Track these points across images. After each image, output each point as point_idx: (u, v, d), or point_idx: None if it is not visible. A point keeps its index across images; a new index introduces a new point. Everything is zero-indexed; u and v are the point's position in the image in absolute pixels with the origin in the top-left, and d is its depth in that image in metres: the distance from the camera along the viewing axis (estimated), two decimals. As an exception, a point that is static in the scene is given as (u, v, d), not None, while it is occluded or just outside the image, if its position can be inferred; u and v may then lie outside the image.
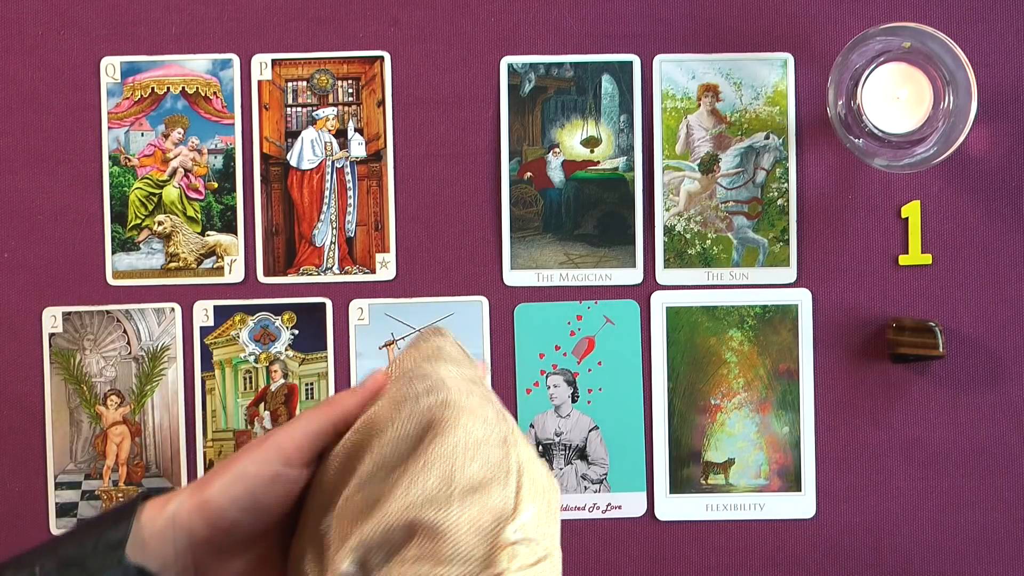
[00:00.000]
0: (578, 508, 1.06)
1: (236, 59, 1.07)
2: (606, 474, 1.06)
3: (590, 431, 1.06)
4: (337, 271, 1.07)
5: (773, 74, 1.06)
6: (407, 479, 0.63)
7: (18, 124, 1.07)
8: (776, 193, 1.06)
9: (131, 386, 1.07)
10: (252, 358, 1.07)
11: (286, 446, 0.68)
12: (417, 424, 0.66)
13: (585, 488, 1.06)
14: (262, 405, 1.07)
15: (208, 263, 1.07)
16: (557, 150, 1.07)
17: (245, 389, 1.07)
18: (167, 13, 1.07)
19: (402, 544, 0.62)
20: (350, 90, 1.07)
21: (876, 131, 1.01)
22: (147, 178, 1.07)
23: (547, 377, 1.07)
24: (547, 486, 0.67)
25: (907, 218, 1.05)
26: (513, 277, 1.06)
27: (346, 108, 1.07)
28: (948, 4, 1.05)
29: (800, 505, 1.06)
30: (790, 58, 1.06)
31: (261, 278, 1.07)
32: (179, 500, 0.68)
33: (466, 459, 0.63)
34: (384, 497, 0.63)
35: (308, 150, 1.07)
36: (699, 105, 1.06)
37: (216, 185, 1.07)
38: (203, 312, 1.07)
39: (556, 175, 1.07)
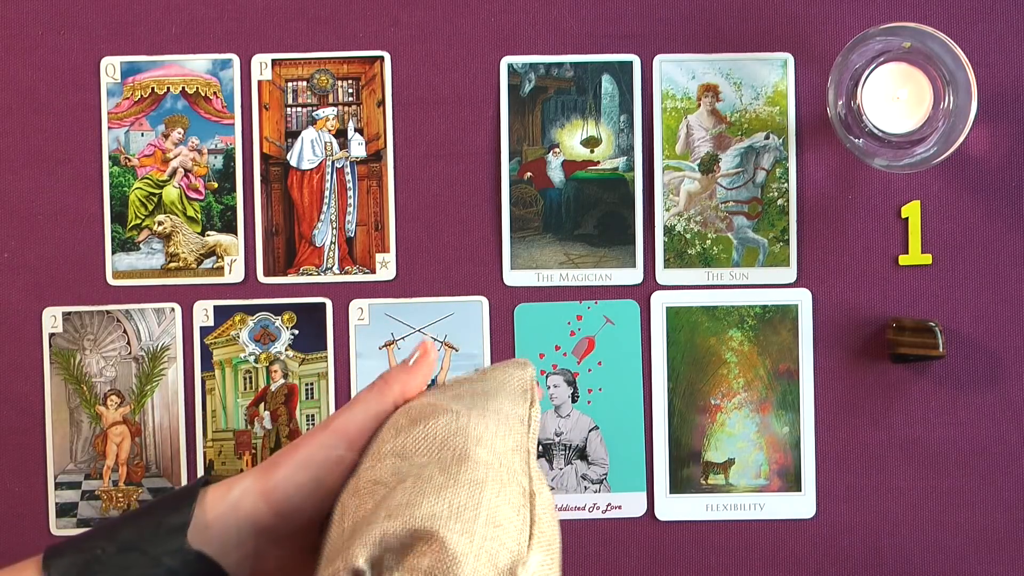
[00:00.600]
0: (578, 508, 1.06)
1: (236, 59, 1.07)
2: (606, 474, 1.06)
3: (590, 431, 1.06)
4: (337, 271, 1.07)
5: (773, 74, 1.06)
6: (435, 486, 0.63)
7: (18, 124, 1.07)
8: (776, 193, 1.06)
9: (131, 386, 1.07)
10: (252, 358, 1.07)
11: (350, 430, 0.68)
12: (454, 437, 0.66)
13: (585, 488, 1.06)
14: (262, 405, 1.07)
15: (208, 263, 1.07)
16: (557, 150, 1.07)
17: (245, 389, 1.07)
18: (167, 13, 1.07)
19: (415, 550, 0.61)
20: (350, 90, 1.07)
21: (876, 131, 1.01)
22: (147, 178, 1.07)
23: (547, 377, 1.07)
24: (553, 539, 0.67)
25: (907, 218, 1.05)
26: (513, 277, 1.06)
27: (346, 108, 1.07)
28: (948, 4, 1.05)
29: (800, 505, 1.06)
30: (790, 58, 1.06)
31: (261, 278, 1.07)
32: (243, 486, 0.68)
33: (496, 492, 0.63)
34: (410, 499, 0.63)
35: (308, 150, 1.07)
36: (699, 105, 1.06)
37: (216, 185, 1.07)
38: (203, 312, 1.07)
39: (556, 175, 1.07)
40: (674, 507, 1.06)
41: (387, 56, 1.06)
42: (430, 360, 0.71)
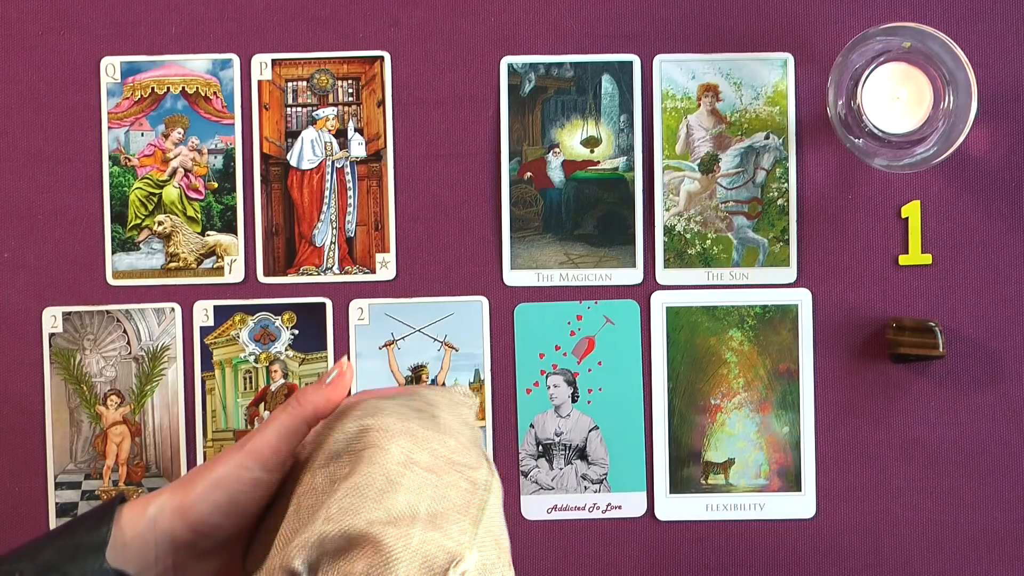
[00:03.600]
0: (578, 508, 1.06)
1: (236, 59, 1.07)
2: (606, 474, 1.06)
3: (590, 431, 1.06)
4: (337, 271, 1.07)
5: (773, 74, 1.06)
6: (375, 492, 0.63)
7: (18, 124, 1.07)
8: (776, 193, 1.06)
9: (131, 386, 1.07)
10: (252, 358, 1.07)
11: (263, 451, 0.68)
12: (397, 437, 0.66)
13: (585, 488, 1.06)
14: (262, 405, 1.07)
15: (208, 263, 1.07)
16: (557, 150, 1.07)
17: (245, 389, 1.07)
18: (167, 13, 1.07)
19: (351, 554, 0.62)
20: (350, 90, 1.07)
21: (876, 131, 1.01)
22: (147, 178, 1.07)
23: (547, 377, 1.07)
24: (500, 536, 0.67)
25: (907, 218, 1.05)
26: (513, 277, 1.06)
27: (346, 108, 1.07)
28: (948, 4, 1.05)
29: (800, 505, 1.06)
30: (790, 58, 1.06)
31: (261, 278, 1.07)
32: (159, 503, 0.68)
33: (437, 496, 0.64)
34: (348, 504, 0.63)
35: (308, 150, 1.07)
36: (699, 105, 1.06)
37: (216, 185, 1.07)
38: (203, 312, 1.07)
39: (556, 175, 1.07)
40: (674, 507, 1.06)
41: (387, 56, 1.06)
42: (346, 380, 0.71)
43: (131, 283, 1.07)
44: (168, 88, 1.07)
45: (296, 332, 1.07)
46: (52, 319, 1.06)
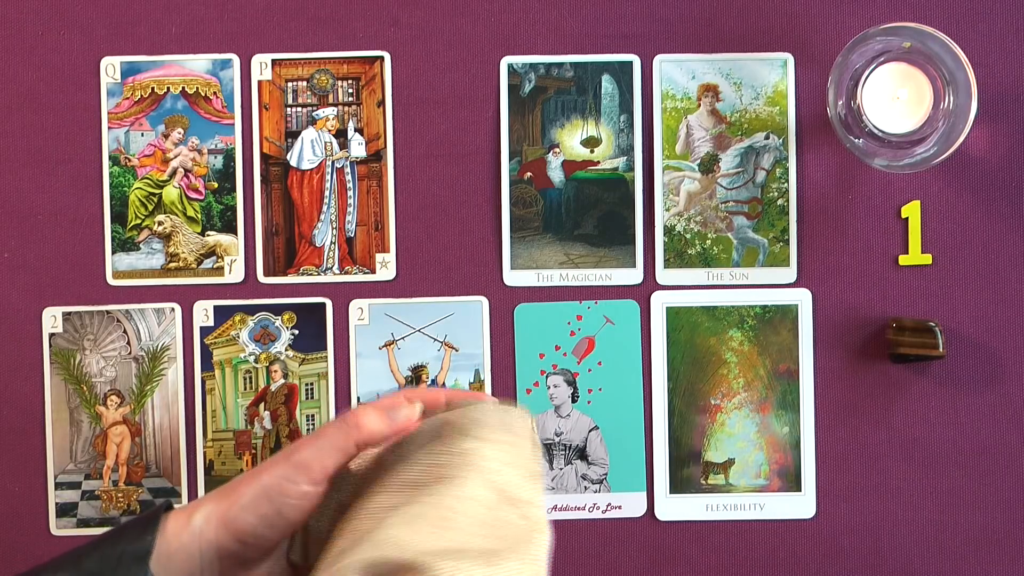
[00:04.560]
0: (578, 508, 1.06)
1: (236, 59, 1.07)
2: (606, 474, 1.06)
3: (590, 431, 1.06)
4: (337, 271, 1.07)
5: (773, 74, 1.06)
6: (430, 521, 0.63)
7: (18, 124, 1.07)
8: (776, 193, 1.06)
9: (131, 386, 1.07)
10: (252, 358, 1.07)
11: (311, 465, 0.68)
12: (456, 468, 0.66)
13: (585, 488, 1.06)
14: (262, 405, 1.07)
15: (208, 263, 1.07)
16: (557, 150, 1.07)
17: (245, 389, 1.07)
18: (167, 13, 1.07)
19: None
20: (350, 90, 1.07)
21: (876, 131, 1.01)
22: (147, 178, 1.07)
23: (547, 377, 1.07)
24: (540, 570, 0.67)
25: (907, 218, 1.05)
26: (513, 277, 1.06)
27: (346, 108, 1.07)
28: (948, 4, 1.05)
29: (800, 505, 1.06)
30: (790, 58, 1.06)
31: (261, 278, 1.07)
32: (204, 513, 0.68)
33: (488, 531, 0.64)
34: (404, 532, 0.63)
35: (308, 150, 1.07)
36: (699, 105, 1.06)
37: (216, 185, 1.07)
38: (203, 312, 1.07)
39: (556, 175, 1.07)
40: (674, 507, 1.06)
41: (387, 56, 1.06)
42: (412, 426, 0.71)
43: (131, 283, 1.07)
44: (168, 88, 1.07)
45: (296, 332, 1.07)
46: (52, 319, 1.06)
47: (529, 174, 1.07)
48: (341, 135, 1.07)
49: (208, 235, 1.07)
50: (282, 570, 0.71)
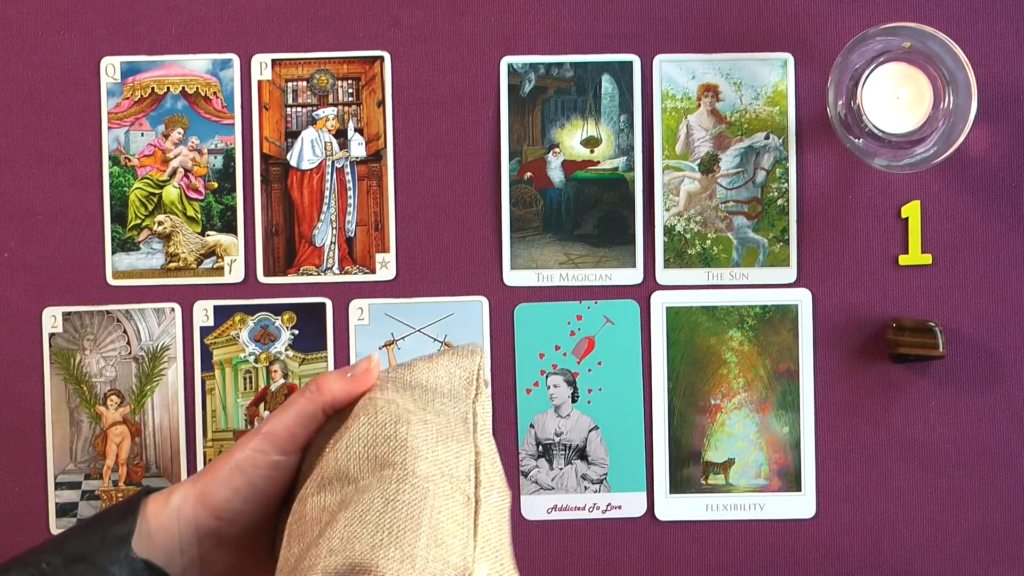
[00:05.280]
0: (578, 508, 1.06)
1: (236, 59, 1.07)
2: (606, 474, 1.06)
3: (590, 431, 1.06)
4: (337, 271, 1.07)
5: (773, 74, 1.06)
6: (375, 513, 0.63)
7: (18, 124, 1.07)
8: (776, 193, 1.06)
9: (131, 386, 1.07)
10: (252, 358, 1.07)
11: (280, 434, 0.68)
12: (394, 453, 0.66)
13: (585, 488, 1.06)
14: (262, 405, 1.07)
15: (208, 263, 1.07)
16: (557, 150, 1.07)
17: (245, 389, 1.07)
18: (167, 13, 1.07)
19: None
20: (350, 90, 1.07)
21: (876, 131, 1.01)
22: (147, 178, 1.07)
23: (547, 377, 1.07)
24: (501, 544, 0.66)
25: (907, 218, 1.05)
26: (513, 277, 1.06)
27: (346, 108, 1.07)
28: (948, 4, 1.05)
29: (800, 505, 1.06)
30: (790, 58, 1.06)
31: (261, 278, 1.07)
32: (182, 493, 0.69)
33: (436, 509, 0.64)
34: (351, 531, 0.63)
35: (308, 150, 1.07)
36: (699, 105, 1.06)
37: (216, 185, 1.07)
38: (203, 312, 1.07)
39: (556, 175, 1.07)
40: (674, 507, 1.06)
41: (387, 56, 1.06)
42: (371, 377, 0.71)
43: (131, 283, 1.07)
44: (168, 88, 1.07)
45: (296, 332, 1.07)
46: (52, 319, 1.06)
47: (529, 174, 1.07)
48: (341, 135, 1.07)
49: (208, 235, 1.07)
50: (265, 558, 0.71)
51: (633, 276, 1.06)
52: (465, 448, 0.68)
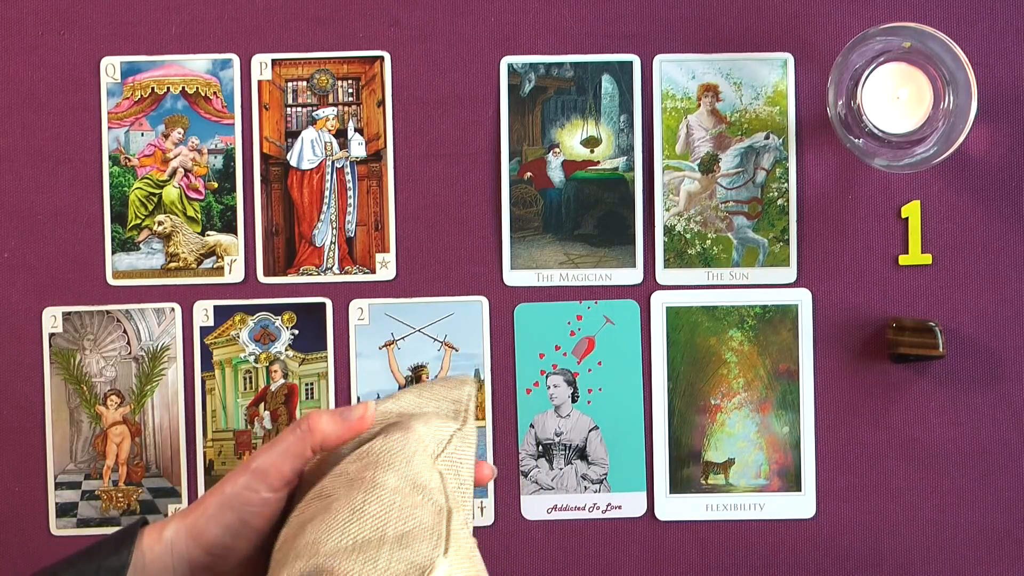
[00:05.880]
0: (578, 508, 1.06)
1: (236, 59, 1.07)
2: (606, 474, 1.06)
3: (590, 431, 1.06)
4: (337, 271, 1.07)
5: (773, 74, 1.06)
6: (340, 521, 0.64)
7: (18, 124, 1.07)
8: (776, 193, 1.06)
9: (131, 386, 1.07)
10: (252, 358, 1.07)
11: (268, 471, 0.69)
12: (365, 469, 0.67)
13: (585, 488, 1.06)
14: (262, 405, 1.07)
15: (208, 263, 1.07)
16: (557, 150, 1.07)
17: (245, 389, 1.07)
18: (167, 13, 1.07)
19: None
20: (350, 90, 1.07)
21: (876, 131, 1.01)
22: (147, 178, 1.07)
23: (547, 377, 1.07)
24: (472, 552, 0.67)
25: (907, 218, 1.05)
26: (513, 277, 1.06)
27: (346, 108, 1.07)
28: (948, 4, 1.05)
29: (800, 505, 1.06)
30: (790, 58, 1.06)
31: (261, 278, 1.07)
32: (174, 527, 0.69)
33: (403, 518, 0.65)
34: (316, 537, 0.64)
35: (308, 150, 1.07)
36: (699, 105, 1.06)
37: (216, 185, 1.07)
38: (203, 312, 1.07)
39: (556, 175, 1.07)
40: (674, 507, 1.06)
41: (387, 56, 1.06)
42: (365, 425, 0.71)
43: (131, 283, 1.07)
44: (168, 88, 1.07)
45: (296, 332, 1.07)
46: (52, 319, 1.06)
47: (529, 174, 1.07)
48: (341, 135, 1.07)
49: (208, 235, 1.07)
50: None
51: (633, 276, 1.06)
52: (439, 464, 0.70)
